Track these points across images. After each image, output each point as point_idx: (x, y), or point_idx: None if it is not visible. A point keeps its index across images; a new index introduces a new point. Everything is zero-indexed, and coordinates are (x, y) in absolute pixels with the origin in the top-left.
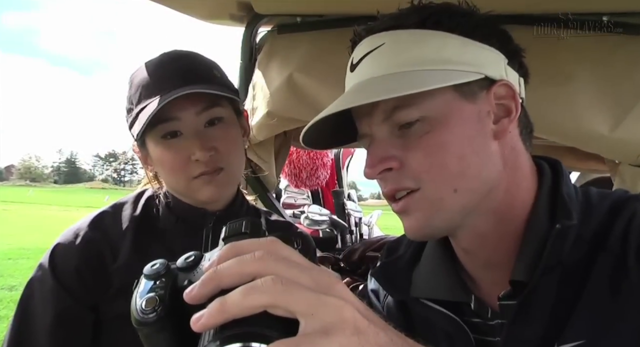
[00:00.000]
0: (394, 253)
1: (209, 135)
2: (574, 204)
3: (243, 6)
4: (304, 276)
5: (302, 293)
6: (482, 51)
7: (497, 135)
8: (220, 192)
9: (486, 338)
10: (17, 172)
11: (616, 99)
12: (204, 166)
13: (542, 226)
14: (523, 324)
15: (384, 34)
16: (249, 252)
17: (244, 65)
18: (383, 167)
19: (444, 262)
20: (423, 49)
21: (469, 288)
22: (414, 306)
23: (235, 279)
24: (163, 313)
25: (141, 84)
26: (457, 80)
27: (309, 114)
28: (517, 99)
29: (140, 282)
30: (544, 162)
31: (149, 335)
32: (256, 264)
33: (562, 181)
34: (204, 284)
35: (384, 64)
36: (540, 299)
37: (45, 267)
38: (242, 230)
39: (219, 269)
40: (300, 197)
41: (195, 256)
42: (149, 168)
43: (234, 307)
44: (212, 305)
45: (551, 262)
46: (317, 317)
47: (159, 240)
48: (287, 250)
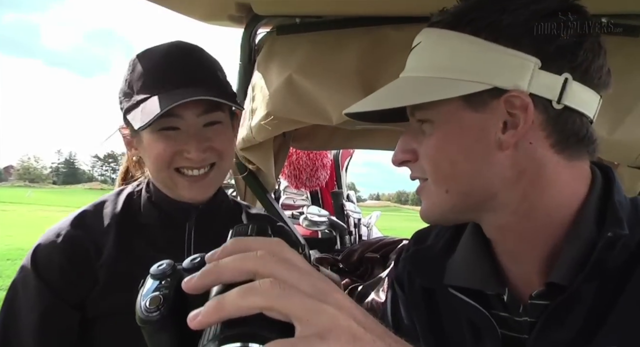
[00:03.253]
0: (424, 242)
1: (206, 135)
2: (625, 213)
3: (242, 7)
4: (303, 280)
5: (298, 298)
6: (500, 58)
7: (503, 145)
8: (206, 191)
9: (512, 334)
10: (16, 173)
11: (615, 100)
12: (190, 163)
13: (589, 231)
14: (556, 327)
15: (425, 31)
16: (252, 249)
17: (243, 66)
18: (402, 159)
19: (479, 254)
20: (440, 54)
21: (503, 280)
22: (442, 295)
23: (234, 274)
24: (167, 312)
25: (146, 72)
26: (461, 91)
27: (308, 115)
28: (529, 111)
29: (146, 281)
30: (596, 169)
31: (152, 333)
32: (256, 262)
33: (614, 188)
34: (203, 276)
35: (415, 65)
36: (578, 304)
37: (27, 267)
38: (247, 235)
39: (220, 263)
40: (299, 198)
41: (201, 258)
42: (132, 150)
43: (230, 307)
44: (209, 304)
45: (596, 270)
46: (312, 323)
47: (142, 235)
48: (290, 252)
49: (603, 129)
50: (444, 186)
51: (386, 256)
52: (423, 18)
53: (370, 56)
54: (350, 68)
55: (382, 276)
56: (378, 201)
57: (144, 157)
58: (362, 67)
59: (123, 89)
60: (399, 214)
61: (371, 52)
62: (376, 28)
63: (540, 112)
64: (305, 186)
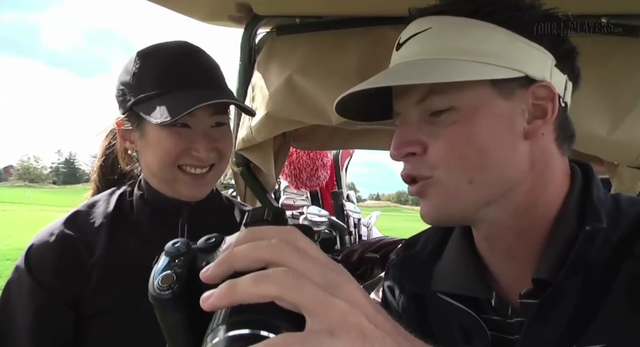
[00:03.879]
0: (413, 248)
1: (214, 135)
2: (604, 208)
3: (242, 7)
4: (316, 271)
5: (310, 290)
6: (528, 49)
7: (527, 135)
8: (204, 190)
9: (504, 336)
10: (16, 173)
11: (615, 100)
12: (197, 161)
13: (570, 227)
14: (543, 324)
15: (433, 18)
16: (266, 237)
17: (243, 66)
18: (407, 151)
19: (466, 258)
20: (467, 38)
21: (490, 285)
22: (431, 300)
23: (247, 263)
24: (179, 291)
25: (160, 68)
26: (494, 75)
27: (308, 115)
28: (556, 102)
29: (160, 258)
30: (575, 166)
31: (163, 311)
32: (270, 251)
33: (593, 184)
34: (218, 265)
35: (427, 47)
36: (563, 299)
37: (21, 268)
38: (263, 217)
39: (233, 252)
40: (299, 198)
41: (216, 238)
42: (127, 144)
43: (242, 293)
44: (222, 286)
45: (577, 264)
46: (322, 317)
47: (134, 232)
48: (304, 241)
49: (603, 128)
50: (468, 177)
51: (386, 256)
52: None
53: (370, 56)
54: (350, 68)
55: (382, 275)
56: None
57: (144, 151)
58: (362, 67)
59: (128, 82)
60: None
61: (371, 52)
62: (376, 28)
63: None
64: (306, 186)
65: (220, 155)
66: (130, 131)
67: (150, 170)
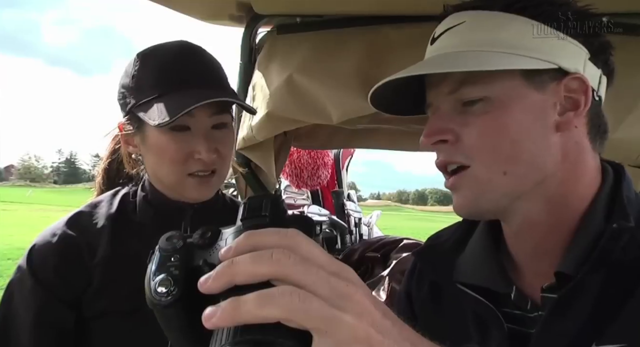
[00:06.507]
0: (438, 239)
1: (215, 137)
2: (633, 209)
3: (242, 6)
4: (321, 282)
5: (317, 310)
6: (562, 43)
7: (559, 127)
8: (209, 193)
9: (522, 329)
10: (17, 173)
11: (615, 99)
12: (202, 165)
13: (597, 223)
14: (561, 318)
15: (467, 13)
16: (266, 245)
17: (243, 65)
18: (438, 138)
19: (489, 251)
20: (501, 32)
21: (510, 279)
22: (449, 290)
23: (249, 278)
24: (178, 295)
25: (159, 69)
26: (526, 65)
27: (309, 114)
28: (589, 95)
29: (155, 254)
30: (607, 165)
31: (164, 315)
32: (272, 265)
33: (624, 184)
34: (217, 278)
35: (460, 40)
36: (584, 295)
37: (23, 268)
38: (261, 212)
39: (234, 264)
40: (299, 197)
41: (212, 232)
42: (129, 148)
43: (247, 315)
44: (226, 306)
45: (600, 260)
46: (330, 335)
47: (137, 234)
48: (307, 245)
49: None
50: (502, 167)
51: (386, 255)
52: (423, 17)
53: (371, 55)
54: (351, 67)
55: (383, 274)
56: (379, 200)
57: (147, 156)
58: (363, 66)
59: (128, 84)
60: (399, 213)
61: (372, 51)
62: (377, 27)
63: None
64: (307, 185)
65: (220, 158)
66: (132, 135)
67: (156, 176)
